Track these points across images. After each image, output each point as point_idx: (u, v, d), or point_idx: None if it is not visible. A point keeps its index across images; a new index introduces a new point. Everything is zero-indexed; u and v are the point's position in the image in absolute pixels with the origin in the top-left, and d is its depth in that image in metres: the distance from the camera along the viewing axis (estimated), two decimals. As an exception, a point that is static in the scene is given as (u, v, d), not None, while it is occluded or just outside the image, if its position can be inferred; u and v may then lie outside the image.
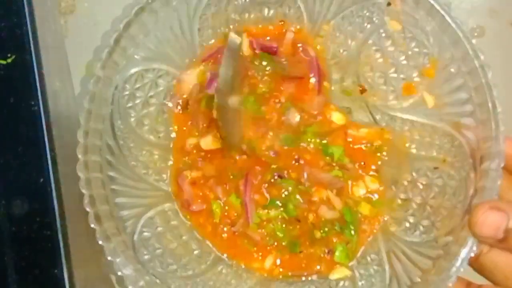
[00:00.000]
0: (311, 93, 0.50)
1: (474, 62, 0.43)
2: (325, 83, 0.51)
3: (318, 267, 0.48)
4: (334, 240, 0.48)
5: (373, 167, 0.50)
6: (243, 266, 0.48)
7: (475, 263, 0.40)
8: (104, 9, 0.57)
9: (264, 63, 0.50)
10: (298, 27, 0.52)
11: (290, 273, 0.48)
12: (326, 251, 0.48)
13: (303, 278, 0.48)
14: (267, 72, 0.50)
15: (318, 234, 0.48)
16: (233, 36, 0.40)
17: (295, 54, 0.51)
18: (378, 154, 0.50)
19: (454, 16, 0.44)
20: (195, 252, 0.48)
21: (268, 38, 0.52)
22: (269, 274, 0.48)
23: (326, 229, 0.48)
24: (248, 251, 0.48)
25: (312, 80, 0.50)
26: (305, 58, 0.51)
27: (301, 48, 0.52)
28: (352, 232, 0.48)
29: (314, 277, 0.48)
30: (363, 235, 0.48)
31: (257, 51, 0.51)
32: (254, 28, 0.52)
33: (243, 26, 0.52)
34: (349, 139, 0.50)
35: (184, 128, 0.50)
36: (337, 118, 0.50)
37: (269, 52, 0.51)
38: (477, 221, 0.37)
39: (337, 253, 0.47)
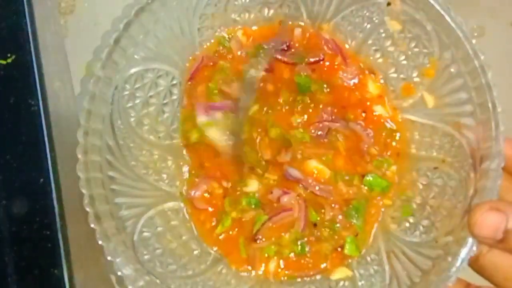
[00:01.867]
0: (339, 67, 0.51)
1: (474, 62, 0.43)
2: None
3: (324, 265, 0.48)
4: (345, 234, 0.48)
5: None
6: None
7: (474, 264, 0.40)
8: (104, 9, 0.57)
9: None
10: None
11: (296, 274, 0.48)
12: (338, 248, 0.48)
13: (307, 279, 0.48)
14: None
15: (325, 233, 0.48)
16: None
17: (308, 42, 0.52)
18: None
19: (454, 16, 0.44)
20: (195, 252, 0.48)
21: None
22: (274, 277, 0.48)
23: (331, 224, 0.48)
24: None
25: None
26: (320, 41, 0.52)
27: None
28: (355, 220, 0.48)
29: (318, 276, 0.48)
30: (369, 223, 0.48)
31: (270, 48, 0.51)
32: (250, 29, 0.52)
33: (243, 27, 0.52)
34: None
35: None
36: (373, 87, 0.51)
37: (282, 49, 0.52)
38: (476, 222, 0.37)
39: (347, 246, 0.47)
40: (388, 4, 0.48)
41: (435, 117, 0.48)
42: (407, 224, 0.47)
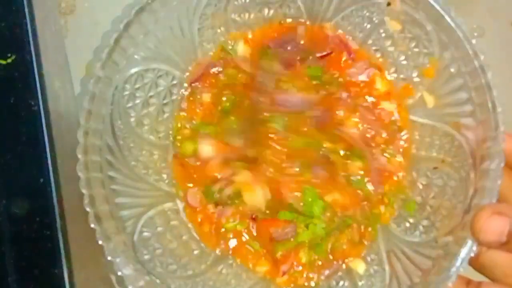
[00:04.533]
0: (346, 63, 0.51)
1: (474, 62, 0.43)
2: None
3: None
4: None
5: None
6: (244, 266, 0.48)
7: (474, 262, 0.39)
8: (104, 9, 0.56)
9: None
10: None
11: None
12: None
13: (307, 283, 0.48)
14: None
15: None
16: None
17: (313, 39, 0.52)
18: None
19: (454, 16, 0.44)
20: (195, 252, 0.48)
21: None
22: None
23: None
24: (254, 253, 0.48)
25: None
26: (324, 36, 0.52)
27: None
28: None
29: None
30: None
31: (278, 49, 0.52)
32: (251, 32, 0.52)
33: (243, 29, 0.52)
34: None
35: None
36: (380, 84, 0.51)
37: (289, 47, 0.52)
38: (480, 228, 0.37)
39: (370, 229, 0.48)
40: (388, 4, 0.48)
41: (435, 117, 0.48)
42: (407, 224, 0.47)
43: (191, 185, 0.49)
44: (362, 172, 0.49)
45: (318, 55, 0.51)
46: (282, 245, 0.47)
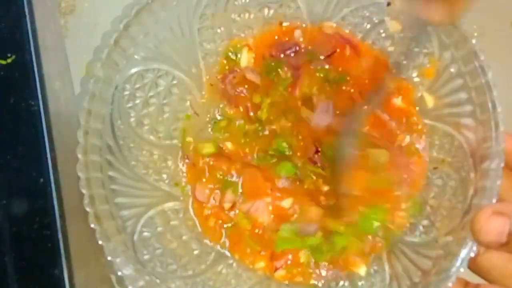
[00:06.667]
0: (351, 58, 0.51)
1: (474, 62, 0.43)
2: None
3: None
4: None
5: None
6: (244, 266, 0.48)
7: (472, 264, 0.39)
8: (104, 9, 0.56)
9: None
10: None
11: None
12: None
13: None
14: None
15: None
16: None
17: (314, 40, 0.52)
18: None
19: (454, 16, 0.44)
20: (195, 252, 0.48)
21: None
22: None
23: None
24: (254, 250, 0.48)
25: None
26: (324, 36, 0.52)
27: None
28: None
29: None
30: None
31: (281, 56, 0.52)
32: (253, 39, 0.52)
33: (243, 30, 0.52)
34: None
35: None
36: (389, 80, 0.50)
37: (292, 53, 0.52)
38: (480, 228, 0.37)
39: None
40: (388, 4, 0.48)
41: (435, 117, 0.48)
42: (407, 224, 0.47)
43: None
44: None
45: (322, 57, 0.51)
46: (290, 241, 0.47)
